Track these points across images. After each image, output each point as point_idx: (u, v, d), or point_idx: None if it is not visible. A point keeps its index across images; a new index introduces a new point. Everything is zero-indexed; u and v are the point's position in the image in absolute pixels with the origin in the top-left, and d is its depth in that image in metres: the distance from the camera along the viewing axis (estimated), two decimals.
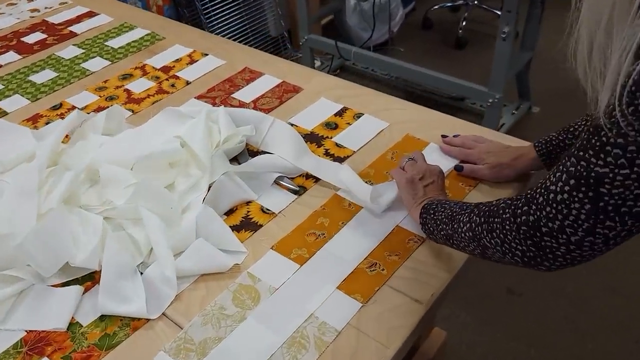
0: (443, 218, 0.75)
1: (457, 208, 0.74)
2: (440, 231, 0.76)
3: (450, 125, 1.10)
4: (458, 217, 0.72)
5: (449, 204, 0.77)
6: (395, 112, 1.14)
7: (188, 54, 1.39)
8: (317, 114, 1.15)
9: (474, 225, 0.68)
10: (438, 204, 0.79)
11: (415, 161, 0.91)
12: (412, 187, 0.86)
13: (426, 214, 0.80)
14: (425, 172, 0.88)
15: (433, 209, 0.79)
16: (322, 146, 1.07)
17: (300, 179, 1.00)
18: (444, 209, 0.76)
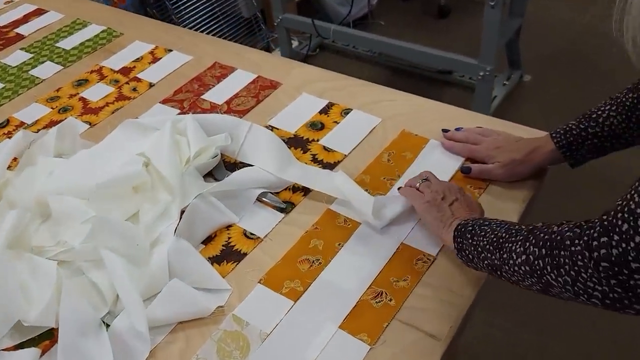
0: (486, 245, 0.63)
1: (504, 232, 0.62)
2: (482, 260, 0.64)
3: (450, 116, 0.97)
4: (508, 246, 0.60)
5: (490, 225, 0.65)
6: (387, 104, 1.02)
7: (150, 50, 1.24)
8: (299, 113, 1.02)
9: (532, 259, 0.56)
10: (474, 225, 0.67)
11: (430, 181, 0.79)
12: (437, 209, 0.74)
13: (461, 237, 0.68)
14: (444, 190, 0.76)
15: (470, 232, 0.67)
16: (308, 151, 0.94)
17: (287, 192, 0.87)
18: (485, 233, 0.64)
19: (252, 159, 0.91)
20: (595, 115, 0.77)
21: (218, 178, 0.88)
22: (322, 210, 0.83)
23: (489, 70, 1.98)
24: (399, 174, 0.88)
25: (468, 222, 0.68)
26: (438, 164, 0.88)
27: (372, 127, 0.97)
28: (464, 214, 0.73)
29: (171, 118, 0.91)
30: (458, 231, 0.69)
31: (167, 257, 0.73)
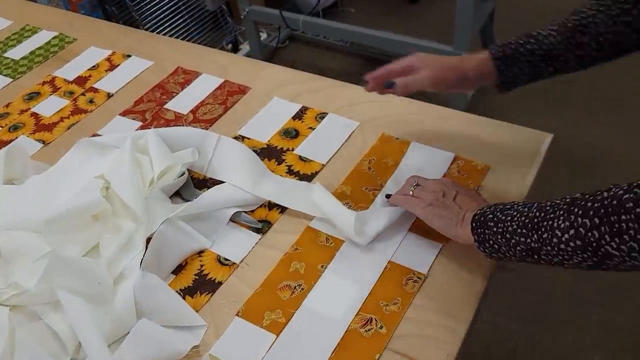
0: (517, 228, 0.58)
1: (536, 211, 0.57)
2: (514, 246, 0.59)
3: (431, 116, 0.91)
4: (547, 224, 0.54)
5: (514, 208, 0.60)
6: (364, 106, 0.95)
7: (106, 57, 1.15)
8: (271, 120, 0.95)
9: (583, 231, 0.50)
10: (495, 211, 0.62)
11: (422, 185, 0.73)
12: (442, 208, 0.68)
13: (482, 227, 0.62)
14: (442, 188, 0.71)
15: (492, 220, 0.61)
16: (283, 162, 0.87)
17: (262, 209, 0.80)
18: (512, 218, 0.59)
19: (223, 175, 0.84)
20: (536, 34, 0.73)
21: (187, 198, 0.81)
22: (301, 228, 0.77)
23: None
24: (381, 183, 0.82)
25: (485, 210, 0.63)
26: (422, 169, 0.82)
27: (350, 132, 0.90)
28: (473, 204, 0.67)
29: (131, 134, 0.83)
30: (476, 222, 0.63)
31: (133, 294, 0.66)
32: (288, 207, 0.79)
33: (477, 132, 0.87)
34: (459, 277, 0.69)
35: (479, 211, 0.64)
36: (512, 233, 0.58)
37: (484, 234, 0.62)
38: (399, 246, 0.73)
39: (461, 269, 0.69)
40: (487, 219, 0.62)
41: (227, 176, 0.83)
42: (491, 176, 0.80)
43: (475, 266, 0.69)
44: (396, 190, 0.78)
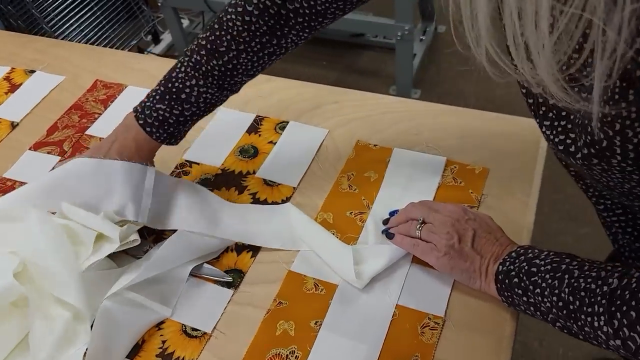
0: (551, 308, 0.49)
1: (568, 294, 0.47)
2: (552, 321, 0.51)
3: (407, 113, 0.79)
4: (584, 318, 0.45)
5: (539, 272, 0.50)
6: (330, 108, 0.81)
7: (4, 75, 0.94)
8: (222, 137, 0.79)
9: (632, 344, 0.42)
10: (519, 273, 0.52)
11: (428, 223, 0.60)
12: (462, 259, 0.56)
13: (508, 291, 0.53)
14: (455, 227, 0.58)
15: (520, 286, 0.52)
16: (245, 190, 0.72)
17: (229, 256, 0.65)
18: (542, 290, 0.49)
19: (169, 221, 0.67)
20: (186, 95, 0.63)
21: (132, 254, 0.65)
22: (281, 274, 0.63)
23: (407, 29, 1.81)
24: (368, 204, 0.68)
25: (510, 268, 0.53)
26: (412, 181, 0.70)
27: (319, 142, 0.76)
28: (493, 248, 0.56)
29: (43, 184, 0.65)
30: (501, 283, 0.53)
31: None
32: (261, 245, 0.65)
33: (465, 127, 0.76)
34: (484, 314, 0.57)
35: (502, 268, 0.54)
36: (546, 310, 0.50)
37: (512, 298, 0.53)
38: (404, 284, 0.60)
39: (485, 303, 0.58)
40: (512, 283, 0.53)
41: (175, 221, 0.66)
42: (492, 180, 0.69)
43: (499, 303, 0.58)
44: (389, 217, 0.65)
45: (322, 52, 2.22)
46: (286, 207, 0.68)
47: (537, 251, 0.53)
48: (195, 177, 0.74)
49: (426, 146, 0.74)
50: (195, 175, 0.74)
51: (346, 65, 2.16)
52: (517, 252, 0.54)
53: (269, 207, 0.69)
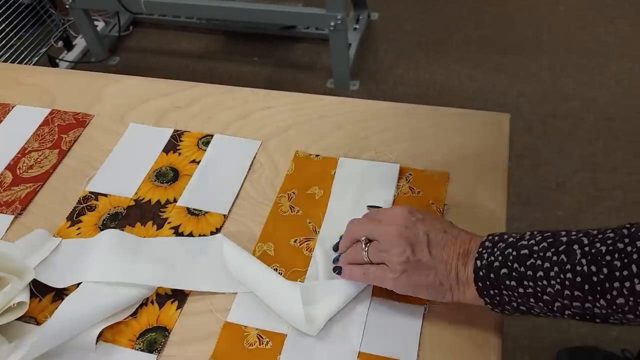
0: (557, 286, 0.40)
1: (585, 262, 0.39)
2: (560, 310, 0.41)
3: (349, 114, 0.68)
4: (616, 278, 0.37)
5: (531, 252, 0.42)
6: (261, 115, 0.70)
7: None
8: (133, 160, 0.66)
9: None
10: (507, 259, 0.43)
11: (374, 240, 0.49)
12: (422, 273, 0.46)
13: (493, 288, 0.44)
14: (404, 236, 0.47)
15: (509, 276, 0.42)
16: (165, 223, 0.59)
17: (148, 310, 0.53)
18: (545, 272, 0.40)
19: (70, 273, 0.54)
20: None
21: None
22: (216, 326, 0.51)
23: (340, 18, 1.72)
24: (315, 228, 0.58)
25: (490, 260, 0.44)
26: (366, 197, 0.59)
27: (251, 157, 0.65)
28: (456, 248, 0.46)
29: None
30: (483, 281, 0.44)
31: None
32: (188, 289, 0.53)
33: (417, 126, 0.66)
34: (462, 348, 0.48)
35: (480, 262, 0.44)
36: (552, 299, 0.40)
37: (500, 296, 0.43)
38: (366, 324, 0.50)
39: (465, 331, 0.48)
40: (501, 276, 0.43)
41: (77, 273, 0.54)
42: (455, 186, 0.60)
43: (480, 328, 0.49)
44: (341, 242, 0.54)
45: (252, 47, 2.09)
46: (217, 239, 0.57)
47: (515, 234, 0.44)
48: (102, 212, 0.61)
49: (376, 152, 0.64)
50: (102, 209, 0.61)
51: (279, 60, 2.04)
52: (491, 241, 0.45)
53: (195, 240, 0.57)
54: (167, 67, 2.03)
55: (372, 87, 1.88)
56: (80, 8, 1.94)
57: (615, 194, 1.51)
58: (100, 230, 0.59)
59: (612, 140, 1.62)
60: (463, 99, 1.80)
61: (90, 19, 2.01)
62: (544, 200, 1.55)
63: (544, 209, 1.52)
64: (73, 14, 1.98)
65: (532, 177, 1.63)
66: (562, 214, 1.50)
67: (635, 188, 1.51)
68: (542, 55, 1.90)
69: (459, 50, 1.97)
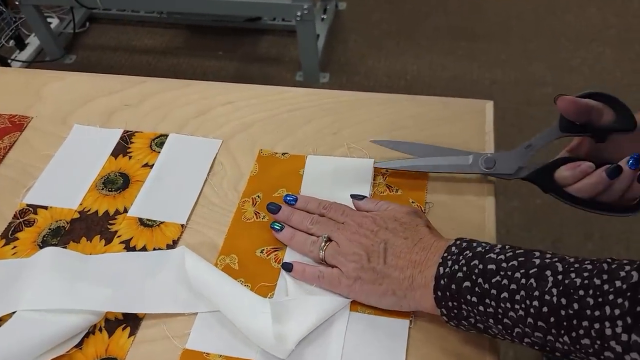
0: (520, 312, 0.36)
1: (555, 294, 0.35)
2: (522, 336, 0.37)
3: (317, 108, 0.62)
4: (585, 316, 0.33)
5: (499, 265, 0.38)
6: (221, 111, 0.63)
7: None
8: (77, 166, 0.58)
9: None
10: (468, 270, 0.39)
11: (333, 241, 0.48)
12: (375, 281, 0.44)
13: (453, 298, 0.40)
14: (362, 241, 0.46)
15: (468, 290, 0.39)
16: (115, 237, 0.52)
17: (97, 338, 0.46)
18: (504, 287, 0.37)
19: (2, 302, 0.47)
20: None
21: None
22: (174, 355, 0.45)
23: (307, 8, 1.65)
24: None
25: (454, 269, 0.40)
26: (339, 197, 0.53)
27: (211, 157, 0.58)
28: (413, 256, 0.44)
29: None
30: (443, 290, 0.40)
31: None
32: (142, 312, 0.47)
33: (392, 117, 0.60)
34: None
35: (444, 270, 0.40)
36: (513, 323, 0.37)
37: (458, 310, 0.40)
38: (344, 344, 0.44)
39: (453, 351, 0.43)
40: (462, 289, 0.39)
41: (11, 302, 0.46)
42: (436, 183, 0.54)
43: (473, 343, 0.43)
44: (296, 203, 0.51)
45: (217, 41, 2.01)
46: (176, 253, 0.50)
47: (485, 244, 0.40)
48: (42, 227, 0.53)
49: (348, 148, 0.58)
50: (42, 224, 0.54)
51: (245, 54, 1.97)
52: (458, 247, 0.41)
53: (150, 255, 0.51)
54: (127, 64, 1.94)
55: (343, 79, 1.82)
56: (31, 4, 1.82)
57: None
58: (39, 248, 0.52)
59: None
60: (436, 88, 1.76)
61: (43, 15, 1.90)
62: (520, 189, 1.52)
63: (522, 198, 1.49)
64: (24, 11, 1.86)
65: None
66: (540, 202, 1.47)
67: None
68: (512, 41, 1.87)
69: (429, 38, 1.93)
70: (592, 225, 1.40)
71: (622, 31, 1.85)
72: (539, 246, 1.26)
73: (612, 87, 1.69)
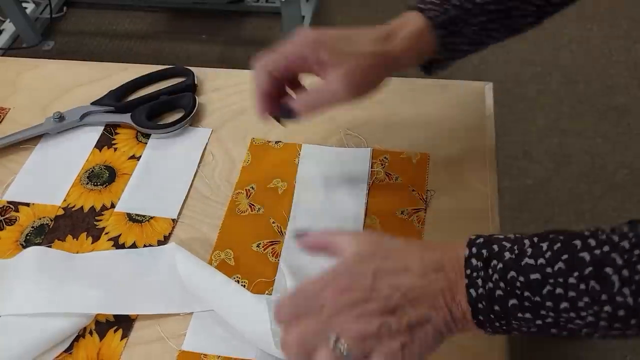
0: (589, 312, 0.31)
1: None
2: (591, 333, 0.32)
3: None
4: None
5: (543, 272, 0.32)
6: (212, 98, 0.60)
7: None
8: (60, 160, 0.55)
9: None
10: (506, 285, 0.33)
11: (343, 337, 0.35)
12: (415, 341, 0.34)
13: (500, 318, 0.33)
14: (374, 311, 0.34)
15: (516, 307, 0.32)
16: (102, 234, 0.50)
17: (88, 342, 0.44)
18: (561, 297, 0.31)
19: None
20: None
21: None
22: (170, 357, 0.43)
23: None
24: (280, 228, 0.49)
25: (490, 289, 0.33)
26: (336, 187, 0.51)
27: (201, 149, 0.56)
28: (430, 280, 0.35)
29: None
30: (485, 315, 0.33)
31: None
32: (134, 314, 0.44)
33: (388, 102, 0.58)
34: None
35: (479, 291, 0.33)
36: (586, 325, 0.32)
37: (508, 325, 0.34)
38: None
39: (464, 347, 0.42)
40: (510, 308, 0.33)
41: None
42: (436, 169, 0.52)
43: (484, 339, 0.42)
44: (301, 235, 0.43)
45: (200, 24, 1.96)
46: (167, 249, 0.48)
47: (507, 244, 0.34)
48: (24, 225, 0.51)
49: (344, 135, 0.56)
50: (25, 222, 0.51)
51: (229, 38, 1.92)
52: (478, 257, 0.34)
53: (140, 252, 0.48)
54: (108, 50, 1.88)
55: None
56: None
57: (583, 159, 1.48)
58: (22, 248, 0.49)
59: (577, 104, 1.59)
60: None
61: (18, 0, 1.83)
62: (511, 169, 1.51)
63: (512, 178, 1.48)
64: None
65: (498, 146, 1.59)
66: (531, 183, 1.46)
67: (602, 151, 1.49)
68: None
69: None
70: (583, 204, 1.40)
71: (610, 8, 1.84)
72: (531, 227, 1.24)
73: (601, 64, 1.68)
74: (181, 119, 0.56)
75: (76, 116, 0.58)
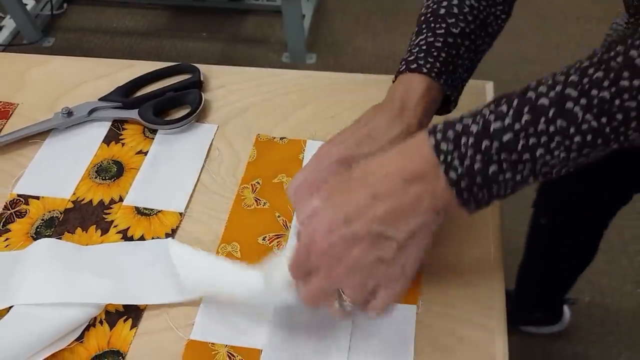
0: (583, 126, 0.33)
1: None
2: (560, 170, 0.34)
3: (313, 90, 0.61)
4: None
5: (514, 132, 0.33)
6: (217, 94, 0.61)
7: None
8: (69, 155, 0.56)
9: None
10: (480, 155, 0.34)
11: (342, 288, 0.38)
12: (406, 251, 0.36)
13: (481, 187, 0.34)
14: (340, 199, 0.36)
15: (496, 173, 0.34)
16: (111, 227, 0.51)
17: (99, 331, 0.45)
18: (529, 147, 0.33)
19: None
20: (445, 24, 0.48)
21: None
22: (179, 346, 0.44)
23: None
24: (286, 222, 0.51)
25: (468, 165, 0.34)
26: None
27: (207, 144, 0.57)
28: (399, 167, 0.36)
29: None
30: (469, 190, 0.34)
31: None
32: (144, 304, 0.46)
33: None
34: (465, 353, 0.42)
35: (458, 171, 0.34)
36: (558, 162, 0.33)
37: (489, 194, 0.35)
38: (352, 334, 0.44)
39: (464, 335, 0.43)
40: (491, 175, 0.34)
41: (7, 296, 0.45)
42: None
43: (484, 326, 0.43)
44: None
45: (201, 22, 1.97)
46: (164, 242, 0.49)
47: (470, 117, 0.35)
48: (35, 218, 0.52)
49: None
50: (35, 215, 0.52)
51: (230, 35, 1.93)
52: (445, 140, 0.34)
53: (148, 245, 0.49)
54: (108, 47, 1.89)
55: (330, 60, 1.80)
56: None
57: None
58: (33, 240, 0.50)
59: None
60: None
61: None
62: None
63: None
64: None
65: None
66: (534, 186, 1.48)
67: None
68: None
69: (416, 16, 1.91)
70: None
71: (608, 7, 1.85)
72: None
73: None
74: (187, 115, 0.57)
75: (84, 112, 0.59)
